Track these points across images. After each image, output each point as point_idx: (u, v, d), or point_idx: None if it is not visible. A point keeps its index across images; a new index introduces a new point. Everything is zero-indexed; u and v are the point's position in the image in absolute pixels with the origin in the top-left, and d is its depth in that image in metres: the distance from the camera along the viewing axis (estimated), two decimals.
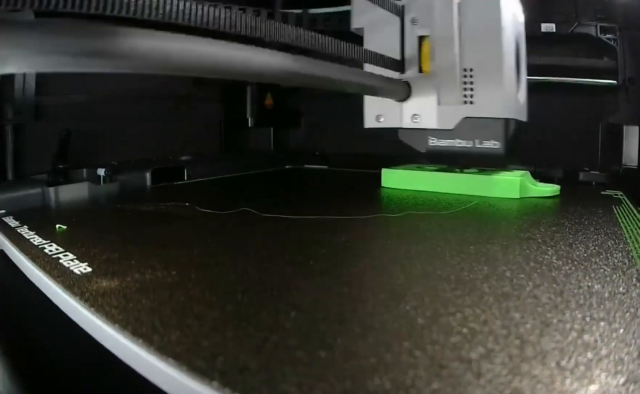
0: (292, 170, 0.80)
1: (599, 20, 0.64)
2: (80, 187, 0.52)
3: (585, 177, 0.63)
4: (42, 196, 0.49)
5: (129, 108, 0.66)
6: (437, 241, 0.31)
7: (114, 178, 0.56)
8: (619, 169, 0.63)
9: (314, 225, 0.37)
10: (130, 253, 0.29)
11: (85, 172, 0.56)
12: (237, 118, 0.83)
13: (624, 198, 0.52)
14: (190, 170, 0.66)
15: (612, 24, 0.64)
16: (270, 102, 0.85)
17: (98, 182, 0.55)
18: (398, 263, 0.26)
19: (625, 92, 0.64)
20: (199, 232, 0.35)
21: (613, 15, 0.63)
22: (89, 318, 0.20)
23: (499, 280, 0.24)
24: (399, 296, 0.21)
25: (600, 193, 0.56)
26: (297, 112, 0.89)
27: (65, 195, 0.50)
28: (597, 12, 0.64)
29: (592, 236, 0.34)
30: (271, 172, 0.77)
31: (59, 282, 0.24)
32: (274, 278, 0.24)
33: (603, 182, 0.63)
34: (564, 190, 0.52)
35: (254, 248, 0.30)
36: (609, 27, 0.64)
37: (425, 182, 0.54)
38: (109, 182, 0.55)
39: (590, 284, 0.23)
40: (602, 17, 0.64)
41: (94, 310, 0.20)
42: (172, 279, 0.24)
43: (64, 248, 0.31)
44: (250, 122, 0.83)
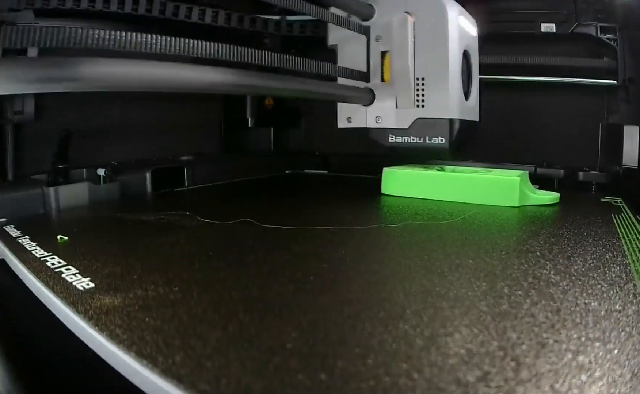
0: (292, 176, 0.81)
1: (599, 20, 0.64)
2: (80, 187, 0.52)
3: (585, 177, 0.64)
4: (42, 196, 0.49)
5: (129, 108, 0.67)
6: (437, 254, 0.32)
7: (114, 178, 0.56)
8: (619, 169, 0.63)
9: (314, 236, 0.37)
10: (132, 268, 0.29)
11: (85, 172, 0.56)
12: (237, 119, 0.84)
13: (623, 205, 0.53)
14: (190, 170, 0.67)
15: (612, 24, 0.64)
16: (270, 102, 0.86)
17: (98, 181, 0.55)
18: (397, 279, 0.27)
19: (625, 92, 0.64)
20: (199, 244, 0.35)
21: (613, 15, 0.64)
22: (93, 336, 0.21)
23: (497, 298, 0.24)
24: (398, 315, 0.22)
25: (599, 200, 0.56)
26: (297, 112, 0.90)
27: (65, 195, 0.51)
28: (597, 12, 0.65)
29: (590, 248, 0.34)
30: (271, 178, 0.77)
31: (62, 298, 0.25)
32: (275, 295, 0.24)
33: (603, 182, 0.63)
34: (563, 197, 0.52)
35: (254, 263, 0.30)
36: (609, 27, 0.64)
37: (424, 189, 0.54)
38: (109, 181, 0.56)
39: (587, 301, 0.24)
40: (602, 17, 0.64)
41: (98, 329, 0.21)
42: (174, 296, 0.24)
43: (66, 261, 0.31)
44: (250, 122, 0.83)
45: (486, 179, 0.51)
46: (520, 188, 0.50)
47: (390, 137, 0.53)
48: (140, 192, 0.60)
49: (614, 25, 0.64)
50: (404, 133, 0.52)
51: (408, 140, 0.52)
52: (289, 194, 0.64)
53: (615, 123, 0.65)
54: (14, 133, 0.54)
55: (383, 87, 0.53)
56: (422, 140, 0.52)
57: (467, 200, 0.52)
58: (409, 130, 0.52)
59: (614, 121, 0.66)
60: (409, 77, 0.50)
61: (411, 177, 0.56)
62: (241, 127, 0.85)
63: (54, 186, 0.50)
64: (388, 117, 0.53)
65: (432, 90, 0.51)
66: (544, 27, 0.67)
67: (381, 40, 0.53)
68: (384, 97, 0.52)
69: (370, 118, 0.54)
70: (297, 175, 0.81)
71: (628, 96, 0.64)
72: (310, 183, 0.75)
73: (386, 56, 0.52)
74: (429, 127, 0.51)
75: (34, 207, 0.49)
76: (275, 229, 0.39)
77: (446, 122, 0.51)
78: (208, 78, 0.32)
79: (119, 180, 0.57)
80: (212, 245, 0.35)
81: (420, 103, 0.51)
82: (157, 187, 0.62)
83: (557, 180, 0.65)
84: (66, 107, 0.59)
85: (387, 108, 0.52)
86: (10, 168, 0.54)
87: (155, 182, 0.62)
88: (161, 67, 0.29)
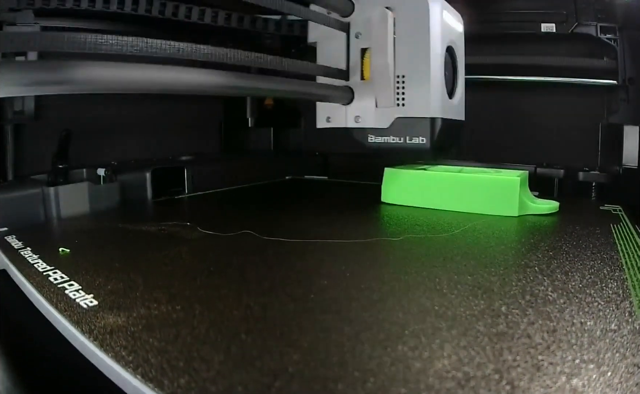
0: (292, 182, 0.82)
1: (599, 20, 0.65)
2: (80, 187, 0.53)
3: (585, 177, 0.65)
4: (42, 196, 0.50)
5: (129, 108, 0.68)
6: (436, 270, 0.33)
7: (114, 178, 0.57)
8: (619, 169, 0.64)
9: (314, 250, 0.38)
10: (134, 284, 0.30)
11: (85, 172, 0.57)
12: (237, 119, 0.85)
13: (622, 214, 0.53)
14: (190, 170, 0.68)
15: (612, 24, 0.65)
16: (270, 102, 0.87)
17: (98, 181, 0.56)
18: (397, 297, 0.28)
19: (625, 92, 0.65)
20: (201, 258, 0.36)
21: (613, 15, 0.65)
22: (99, 357, 0.22)
23: (495, 317, 0.25)
24: (397, 336, 0.23)
25: (599, 208, 0.57)
26: (297, 112, 0.91)
27: (66, 195, 0.51)
28: (597, 12, 0.65)
29: (588, 262, 0.35)
30: (271, 184, 0.78)
31: (66, 317, 0.25)
32: (276, 315, 0.25)
33: (603, 182, 0.64)
34: (563, 204, 0.53)
35: (255, 280, 0.31)
36: (609, 27, 0.65)
37: (424, 199, 0.55)
38: (109, 181, 0.57)
39: (583, 320, 0.25)
40: (602, 17, 0.65)
41: (104, 350, 0.21)
42: (177, 315, 0.25)
43: (68, 276, 0.32)
44: (250, 122, 0.84)
45: (486, 190, 0.52)
46: (520, 198, 0.51)
47: (370, 137, 0.52)
48: (141, 193, 0.61)
49: (614, 25, 0.65)
50: (384, 133, 0.51)
51: (388, 140, 0.51)
52: (290, 203, 0.65)
53: (615, 123, 0.66)
54: (14, 133, 0.55)
55: (363, 85, 0.51)
56: (403, 140, 0.50)
57: (467, 210, 0.53)
58: (389, 129, 0.51)
59: (614, 121, 0.66)
60: (389, 74, 0.49)
61: (411, 187, 0.57)
62: (241, 127, 0.86)
63: (54, 186, 0.51)
64: (367, 117, 0.51)
65: (413, 88, 0.49)
66: (544, 27, 0.68)
67: (361, 37, 0.51)
68: (363, 96, 0.51)
69: (349, 117, 0.52)
70: (297, 181, 0.82)
71: (628, 96, 0.65)
72: (310, 190, 0.76)
73: (366, 53, 0.51)
74: (409, 127, 0.50)
75: (34, 207, 0.50)
76: (276, 242, 0.40)
77: (427, 121, 0.49)
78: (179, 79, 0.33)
79: (119, 180, 0.58)
80: (213, 260, 0.36)
81: (400, 102, 0.50)
82: (157, 187, 0.63)
83: (557, 180, 0.66)
84: (66, 107, 0.60)
85: (366, 108, 0.51)
86: (10, 168, 0.55)
87: (156, 181, 0.63)
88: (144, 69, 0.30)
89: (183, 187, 0.67)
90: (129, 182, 0.59)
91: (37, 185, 0.51)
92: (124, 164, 0.62)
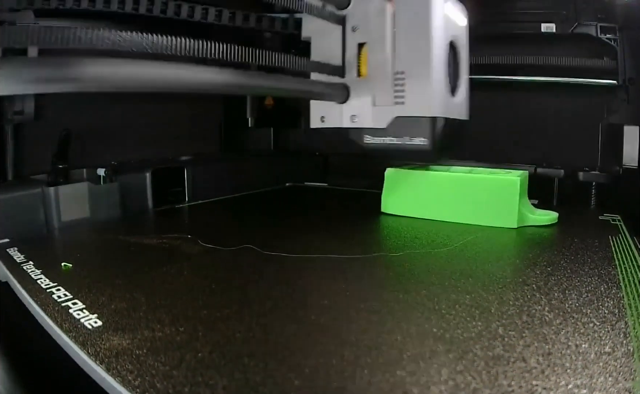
0: (292, 189, 0.82)
1: (599, 20, 0.66)
2: (80, 187, 0.54)
3: (585, 177, 0.66)
4: (42, 196, 0.51)
5: (129, 108, 0.69)
6: (434, 288, 0.34)
7: (114, 178, 0.58)
8: (619, 169, 0.65)
9: (315, 266, 0.39)
10: (137, 303, 0.31)
11: (85, 172, 0.58)
12: (237, 119, 0.86)
13: (621, 225, 0.54)
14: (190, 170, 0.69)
15: (612, 24, 0.65)
16: (270, 102, 0.88)
17: (98, 181, 0.57)
18: (396, 319, 0.29)
19: (625, 92, 0.66)
20: (202, 275, 0.37)
21: (613, 15, 0.65)
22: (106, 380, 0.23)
23: (492, 339, 0.26)
24: (395, 361, 0.23)
25: (598, 218, 0.58)
26: (297, 112, 0.92)
27: (66, 195, 0.52)
28: (597, 12, 0.66)
29: (586, 279, 0.36)
30: (271, 192, 0.79)
31: (72, 338, 0.26)
32: (278, 337, 0.26)
33: (603, 182, 0.65)
34: (562, 214, 0.54)
35: (257, 299, 0.32)
36: (609, 27, 0.66)
37: (424, 210, 0.56)
38: (109, 181, 0.58)
39: (578, 343, 0.26)
40: (602, 17, 0.66)
41: (111, 374, 0.22)
42: (180, 338, 0.26)
43: (72, 293, 0.33)
44: (250, 122, 0.85)
45: (486, 203, 0.53)
46: (519, 210, 0.52)
47: (367, 137, 0.50)
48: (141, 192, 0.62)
49: (614, 25, 0.65)
50: (382, 133, 0.49)
51: (386, 140, 0.49)
52: (290, 213, 0.66)
53: (615, 123, 0.67)
54: (14, 133, 0.56)
55: (359, 83, 0.49)
56: (402, 141, 0.48)
57: (466, 221, 0.53)
58: (387, 129, 0.48)
59: (614, 121, 0.67)
60: (388, 71, 0.47)
61: (411, 198, 0.58)
62: (241, 127, 0.87)
63: (54, 186, 0.52)
64: (364, 116, 0.49)
65: (413, 85, 0.46)
66: (544, 27, 0.68)
67: (358, 31, 0.48)
68: (360, 94, 0.49)
69: (345, 117, 0.50)
70: (298, 189, 0.83)
71: (628, 96, 0.65)
72: (310, 198, 0.77)
73: (363, 48, 0.48)
74: (409, 126, 0.47)
75: (34, 207, 0.51)
76: (277, 257, 0.41)
77: (428, 121, 0.47)
78: None
79: (119, 180, 0.59)
80: (214, 277, 0.36)
81: (400, 100, 0.47)
82: (157, 187, 0.64)
83: (557, 180, 0.67)
84: (66, 107, 0.60)
85: (363, 106, 0.49)
86: (10, 168, 0.56)
87: (155, 182, 0.64)
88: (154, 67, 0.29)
89: (183, 187, 0.68)
90: (129, 182, 0.60)
91: (37, 185, 0.52)
92: (123, 164, 0.63)
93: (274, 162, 0.88)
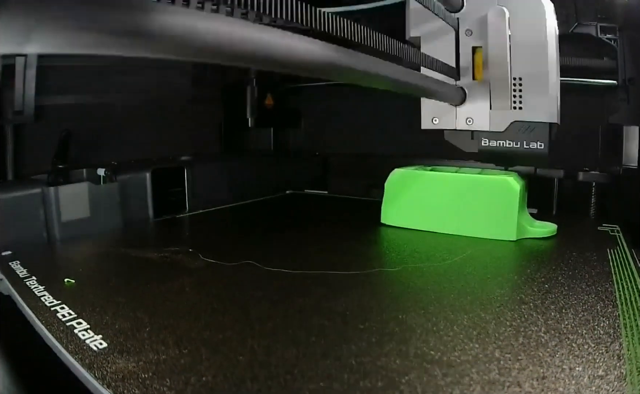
0: (292, 198, 0.83)
1: (599, 20, 0.66)
2: (80, 187, 0.55)
3: (585, 177, 0.66)
4: (42, 196, 0.52)
5: (129, 108, 0.70)
6: (432, 307, 0.34)
7: (114, 178, 0.59)
8: (619, 169, 0.65)
9: (315, 284, 0.40)
10: (140, 323, 0.32)
11: (85, 172, 0.59)
12: (237, 119, 0.87)
13: (619, 236, 0.55)
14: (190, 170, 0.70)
15: (612, 24, 0.66)
16: (270, 102, 0.89)
17: (98, 181, 0.58)
18: (395, 341, 0.29)
19: (625, 92, 0.66)
20: (204, 292, 0.38)
21: (613, 15, 0.66)
22: None
23: (488, 363, 0.27)
24: (394, 385, 0.24)
25: (597, 229, 0.59)
26: (297, 112, 0.93)
27: (66, 195, 0.54)
28: (597, 12, 0.66)
29: (582, 296, 0.37)
30: (271, 200, 0.80)
31: (79, 360, 0.27)
32: (279, 360, 0.27)
33: (603, 182, 0.66)
34: (560, 225, 0.55)
35: (258, 319, 0.33)
36: (609, 27, 0.66)
37: (423, 222, 0.57)
38: (109, 181, 0.59)
39: (572, 366, 0.27)
40: (602, 17, 0.66)
41: None
42: (184, 360, 0.27)
43: (75, 312, 0.34)
44: (250, 122, 0.86)
45: (485, 217, 0.54)
46: (519, 223, 0.53)
47: (484, 140, 0.52)
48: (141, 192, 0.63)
49: (614, 25, 0.66)
50: (499, 136, 0.51)
51: (503, 144, 0.51)
52: (290, 224, 0.66)
53: (615, 123, 0.67)
54: (14, 133, 0.57)
55: (475, 86, 0.51)
56: (519, 145, 0.50)
57: (465, 234, 0.55)
58: (504, 133, 0.50)
59: (614, 121, 0.68)
60: (506, 76, 0.48)
61: (410, 211, 0.58)
62: (241, 127, 0.88)
63: (54, 186, 0.53)
64: (481, 119, 0.51)
65: (531, 91, 0.49)
66: None
67: (472, 35, 0.50)
68: (476, 97, 0.51)
69: (460, 119, 0.52)
70: (298, 196, 0.84)
71: (628, 96, 0.66)
72: (310, 208, 0.77)
73: (477, 52, 0.50)
74: (527, 131, 0.50)
75: (34, 207, 0.52)
76: (278, 273, 0.42)
77: (546, 126, 0.50)
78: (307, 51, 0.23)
79: (119, 180, 0.60)
80: (216, 295, 0.37)
81: (517, 105, 0.49)
82: (157, 187, 0.65)
83: (557, 180, 0.68)
84: (66, 107, 0.62)
85: (480, 110, 0.51)
86: (10, 168, 0.57)
87: (155, 182, 0.65)
88: None
89: (183, 187, 0.69)
90: (129, 182, 0.62)
91: (37, 185, 0.53)
92: (123, 164, 0.64)
93: (274, 162, 0.89)
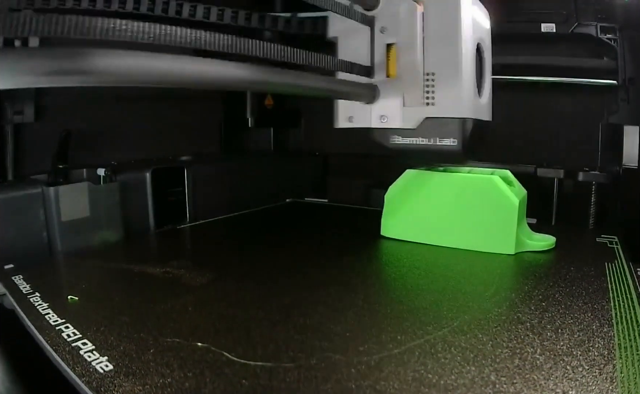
0: (293, 207, 0.85)
1: (599, 20, 0.67)
2: (80, 187, 0.56)
3: (585, 177, 0.67)
4: (42, 196, 0.53)
5: (129, 108, 0.71)
6: (431, 328, 0.36)
7: (114, 178, 0.60)
8: (619, 169, 0.66)
9: (315, 302, 0.41)
10: (145, 344, 0.33)
11: (85, 172, 0.60)
12: (237, 119, 0.88)
13: (618, 248, 0.56)
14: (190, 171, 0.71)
15: (612, 24, 0.67)
16: (270, 102, 0.90)
17: (98, 181, 0.59)
18: (393, 363, 0.31)
19: (625, 92, 0.67)
20: (207, 312, 0.39)
21: (613, 15, 0.67)
22: None
23: (484, 386, 0.28)
24: None
25: (595, 240, 0.60)
26: (297, 112, 0.95)
27: (66, 195, 0.54)
28: (597, 12, 0.67)
29: (579, 315, 0.38)
30: (272, 209, 0.81)
31: (86, 383, 0.28)
32: (282, 384, 0.28)
33: (603, 182, 0.67)
34: (559, 238, 0.56)
35: (260, 341, 0.34)
36: (609, 27, 0.67)
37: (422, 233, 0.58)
38: (109, 181, 0.60)
39: (566, 389, 0.28)
40: (602, 17, 0.67)
41: None
42: (189, 384, 0.28)
43: (80, 332, 0.35)
44: (250, 122, 0.88)
45: (484, 230, 0.55)
46: (517, 236, 0.54)
47: (395, 138, 0.51)
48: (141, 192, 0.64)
49: (614, 25, 0.67)
50: (412, 133, 0.50)
51: (416, 141, 0.50)
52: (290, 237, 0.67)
53: (615, 123, 0.68)
54: (14, 133, 0.58)
55: (388, 83, 0.49)
56: (432, 142, 0.49)
57: (464, 247, 0.56)
58: (416, 130, 0.49)
59: (614, 121, 0.69)
60: (418, 72, 0.48)
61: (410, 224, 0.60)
62: (241, 127, 0.89)
63: (54, 186, 0.54)
64: (394, 116, 0.50)
65: (443, 86, 0.48)
66: (544, 27, 0.70)
67: (387, 32, 0.49)
68: (389, 94, 0.50)
69: (374, 117, 0.51)
70: (298, 205, 0.85)
71: (628, 96, 0.67)
72: (310, 219, 0.78)
73: (392, 49, 0.49)
74: (439, 127, 0.49)
75: (34, 207, 0.53)
76: (278, 290, 0.43)
77: (458, 122, 0.48)
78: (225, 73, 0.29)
79: (119, 180, 0.61)
80: (218, 314, 0.38)
81: (430, 101, 0.48)
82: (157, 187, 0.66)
83: (557, 180, 0.69)
84: (66, 107, 0.62)
85: (393, 107, 0.50)
86: (10, 168, 0.58)
87: (155, 182, 0.66)
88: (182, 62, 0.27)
89: (183, 187, 0.71)
90: (129, 182, 0.63)
91: (37, 185, 0.54)
92: (123, 164, 0.64)
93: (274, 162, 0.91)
